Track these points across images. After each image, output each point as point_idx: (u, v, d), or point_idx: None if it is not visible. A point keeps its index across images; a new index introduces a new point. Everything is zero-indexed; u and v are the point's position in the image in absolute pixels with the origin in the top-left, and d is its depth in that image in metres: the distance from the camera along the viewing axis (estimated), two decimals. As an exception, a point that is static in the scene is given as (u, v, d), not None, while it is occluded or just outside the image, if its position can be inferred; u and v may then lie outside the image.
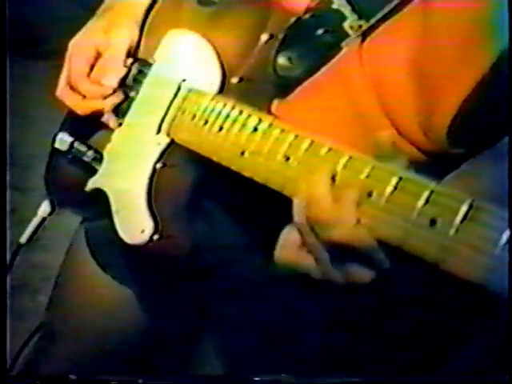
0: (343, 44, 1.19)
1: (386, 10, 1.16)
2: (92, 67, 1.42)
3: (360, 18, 1.18)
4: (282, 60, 1.23)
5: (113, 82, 1.40)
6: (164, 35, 1.42)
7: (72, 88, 1.42)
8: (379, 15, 1.16)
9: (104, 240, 1.39)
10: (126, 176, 1.35)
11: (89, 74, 1.41)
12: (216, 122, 1.21)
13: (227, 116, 1.20)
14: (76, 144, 1.47)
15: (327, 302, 1.16)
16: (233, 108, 1.20)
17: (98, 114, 1.41)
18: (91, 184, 1.42)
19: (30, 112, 1.59)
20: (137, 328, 1.48)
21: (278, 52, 1.23)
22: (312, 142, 1.06)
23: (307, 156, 1.05)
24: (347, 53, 1.17)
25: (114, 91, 1.40)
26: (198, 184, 1.28)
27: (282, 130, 1.10)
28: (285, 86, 1.23)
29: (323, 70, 1.19)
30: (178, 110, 1.30)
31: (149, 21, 1.48)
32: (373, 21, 1.17)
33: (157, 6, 1.48)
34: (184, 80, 1.33)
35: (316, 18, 1.21)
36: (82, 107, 1.42)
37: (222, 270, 1.27)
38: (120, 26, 1.44)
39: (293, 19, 1.22)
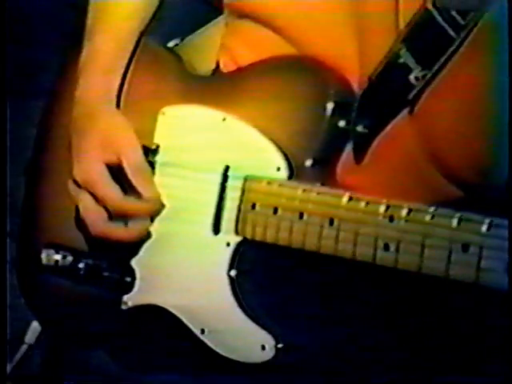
0: (410, 97, 1.15)
1: (445, 56, 1.13)
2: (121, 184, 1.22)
3: (423, 68, 1.14)
4: (360, 129, 1.15)
5: (154, 190, 1.22)
6: (151, 113, 1.26)
7: (114, 218, 1.22)
8: (439, 63, 1.14)
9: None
10: (190, 291, 1.20)
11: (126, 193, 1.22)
12: (320, 214, 1.09)
13: (335, 206, 1.09)
14: (82, 260, 1.27)
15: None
16: (338, 197, 1.09)
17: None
18: (130, 301, 1.24)
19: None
20: None
21: (355, 122, 1.14)
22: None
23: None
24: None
25: None
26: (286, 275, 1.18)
27: (433, 217, 1.04)
28: (359, 154, 1.16)
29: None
30: (240, 203, 1.17)
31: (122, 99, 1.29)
32: (435, 69, 1.14)
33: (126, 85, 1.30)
34: (227, 167, 1.19)
35: (384, 78, 1.14)
36: (131, 234, 1.22)
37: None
38: (117, 128, 1.25)
39: (365, 85, 1.14)
